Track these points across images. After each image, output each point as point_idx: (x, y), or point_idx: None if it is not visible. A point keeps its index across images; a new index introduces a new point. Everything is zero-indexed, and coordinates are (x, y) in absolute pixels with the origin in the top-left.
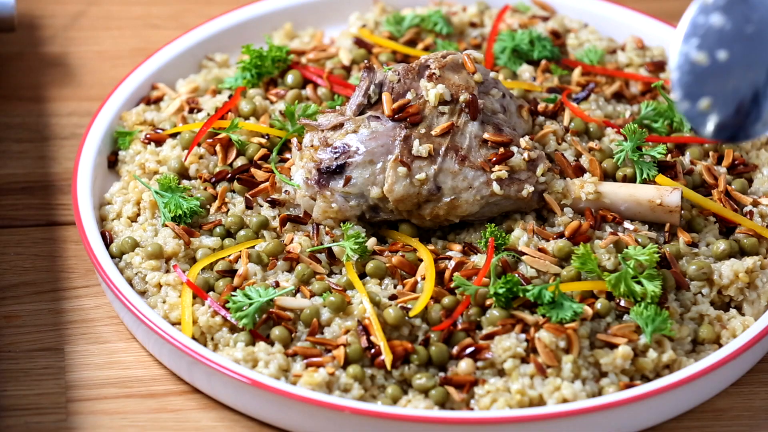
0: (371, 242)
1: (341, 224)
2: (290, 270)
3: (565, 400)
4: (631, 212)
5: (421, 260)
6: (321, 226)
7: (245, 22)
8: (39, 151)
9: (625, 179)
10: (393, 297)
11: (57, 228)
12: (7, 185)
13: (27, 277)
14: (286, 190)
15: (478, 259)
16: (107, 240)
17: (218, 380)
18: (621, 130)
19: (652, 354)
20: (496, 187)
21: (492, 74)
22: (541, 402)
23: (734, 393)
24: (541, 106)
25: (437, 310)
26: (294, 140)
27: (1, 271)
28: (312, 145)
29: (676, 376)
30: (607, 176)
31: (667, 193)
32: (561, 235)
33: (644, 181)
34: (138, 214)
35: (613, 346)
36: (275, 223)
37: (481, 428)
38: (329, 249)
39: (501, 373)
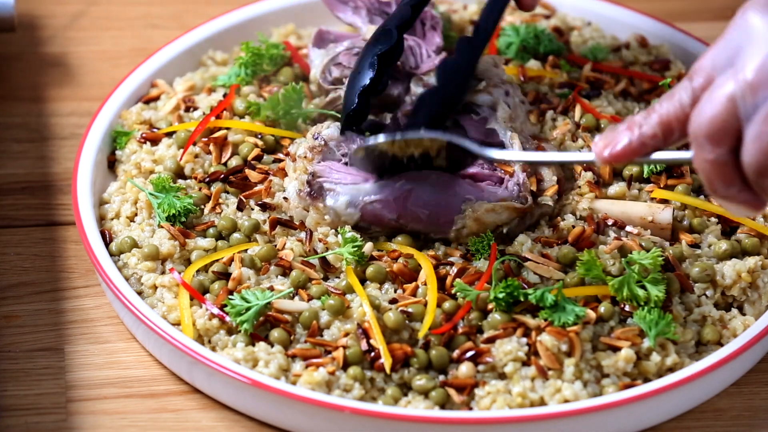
0: (368, 247)
1: (338, 229)
2: (284, 275)
3: (566, 401)
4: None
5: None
6: (315, 233)
7: (245, 22)
8: (39, 151)
9: (632, 179)
10: (393, 301)
11: (57, 228)
12: (7, 185)
13: (27, 277)
14: (284, 197)
15: (480, 265)
16: (107, 239)
17: (218, 380)
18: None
19: (655, 357)
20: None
21: (506, 76)
22: (542, 404)
23: (734, 393)
24: (545, 105)
25: (438, 315)
26: (290, 148)
27: (1, 271)
28: (305, 156)
29: (676, 375)
30: (615, 174)
31: (659, 211)
32: (565, 241)
33: (651, 174)
34: (136, 214)
35: (616, 350)
36: (267, 227)
37: (481, 428)
38: (324, 257)
39: (502, 376)
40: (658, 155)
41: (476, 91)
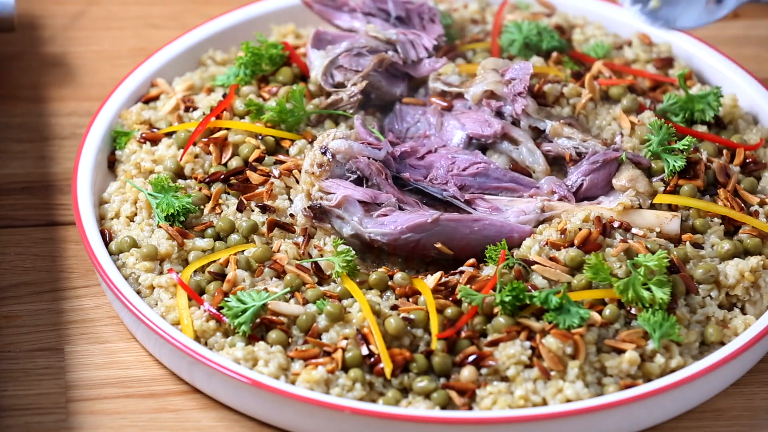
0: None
1: (332, 239)
2: (278, 277)
3: (567, 401)
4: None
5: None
6: (312, 238)
7: (245, 22)
8: (39, 151)
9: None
10: (394, 307)
11: (57, 228)
12: (7, 185)
13: (27, 277)
14: (290, 213)
15: (490, 271)
16: (107, 238)
17: (218, 380)
18: (648, 124)
19: (659, 359)
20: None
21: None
22: (543, 405)
23: (734, 393)
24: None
25: (441, 320)
26: (291, 150)
27: (1, 271)
28: (313, 173)
29: (676, 375)
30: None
31: (667, 221)
32: (572, 244)
33: (672, 174)
34: (136, 214)
35: (620, 352)
36: (265, 228)
37: (481, 428)
38: (317, 262)
39: (504, 379)
40: None
41: None
